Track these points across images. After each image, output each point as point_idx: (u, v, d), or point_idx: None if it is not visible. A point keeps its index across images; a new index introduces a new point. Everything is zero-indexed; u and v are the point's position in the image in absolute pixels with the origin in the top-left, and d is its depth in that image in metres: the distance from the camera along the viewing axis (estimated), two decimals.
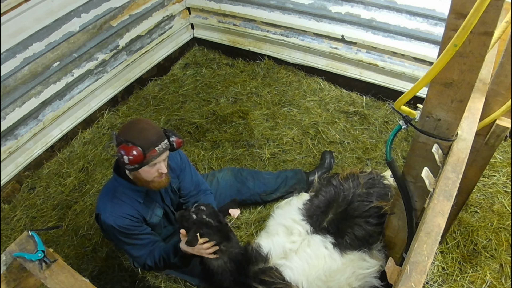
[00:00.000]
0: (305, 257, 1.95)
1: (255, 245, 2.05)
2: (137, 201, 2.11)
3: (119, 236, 2.07)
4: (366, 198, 2.06)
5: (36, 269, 1.34)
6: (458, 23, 0.98)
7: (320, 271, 1.93)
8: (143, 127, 1.87)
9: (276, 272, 1.91)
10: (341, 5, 3.38)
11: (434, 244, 1.10)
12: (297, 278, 1.91)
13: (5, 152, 3.08)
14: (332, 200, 2.12)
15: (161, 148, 1.90)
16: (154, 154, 1.87)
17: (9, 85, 2.98)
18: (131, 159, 1.79)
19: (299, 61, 3.92)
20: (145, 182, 2.00)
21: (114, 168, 2.13)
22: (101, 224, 2.07)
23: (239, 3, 3.92)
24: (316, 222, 2.06)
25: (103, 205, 2.06)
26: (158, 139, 1.88)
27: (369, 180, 2.17)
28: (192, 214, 1.89)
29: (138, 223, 2.12)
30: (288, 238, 2.05)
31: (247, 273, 1.93)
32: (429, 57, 3.17)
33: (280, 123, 3.52)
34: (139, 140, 1.82)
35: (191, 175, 2.41)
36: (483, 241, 2.58)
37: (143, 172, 1.94)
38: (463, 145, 1.31)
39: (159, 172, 1.97)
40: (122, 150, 1.81)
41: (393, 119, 3.45)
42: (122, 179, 2.07)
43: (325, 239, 1.98)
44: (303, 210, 2.14)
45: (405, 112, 1.31)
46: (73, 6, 3.17)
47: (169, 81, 4.17)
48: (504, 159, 3.04)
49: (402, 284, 1.03)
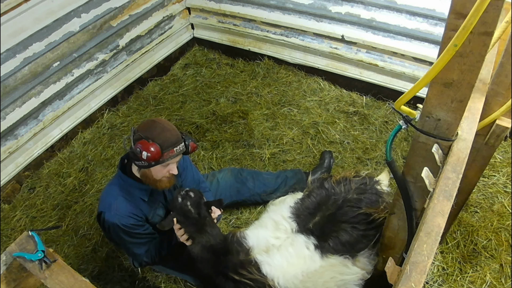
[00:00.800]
0: (285, 255, 1.98)
1: (241, 234, 2.08)
2: (141, 200, 2.13)
3: (121, 234, 2.08)
4: (355, 204, 2.07)
5: (36, 269, 1.34)
6: (458, 23, 0.98)
7: (298, 271, 1.95)
8: (165, 127, 1.94)
9: (254, 268, 1.94)
10: (341, 5, 3.38)
11: (434, 244, 1.10)
12: (274, 274, 1.94)
13: (5, 152, 3.08)
14: (322, 203, 2.13)
15: (178, 149, 1.96)
16: (171, 154, 1.93)
17: (9, 85, 2.98)
18: (149, 156, 1.84)
19: (299, 61, 3.92)
20: (153, 181, 2.03)
21: (119, 166, 2.15)
22: (103, 222, 2.08)
23: (239, 3, 3.92)
24: (302, 222, 2.07)
25: (107, 203, 2.07)
26: (177, 141, 1.95)
27: (361, 185, 2.17)
28: (178, 197, 1.94)
29: (141, 222, 2.15)
30: (273, 233, 2.07)
31: (227, 264, 1.97)
32: (429, 57, 3.17)
33: (280, 123, 3.52)
34: (160, 139, 1.88)
35: (192, 173, 2.45)
36: (483, 241, 2.58)
37: (154, 170, 1.98)
38: (463, 145, 1.31)
39: (170, 173, 2.02)
40: (141, 145, 1.85)
41: (393, 119, 3.45)
42: (127, 177, 2.09)
43: (308, 240, 2.00)
44: (293, 208, 2.16)
45: (405, 112, 1.31)
46: (73, 6, 3.17)
47: (169, 81, 4.17)
48: (504, 159, 3.04)
49: (402, 284, 1.03)
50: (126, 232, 2.07)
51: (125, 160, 2.17)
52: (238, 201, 2.83)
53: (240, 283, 1.94)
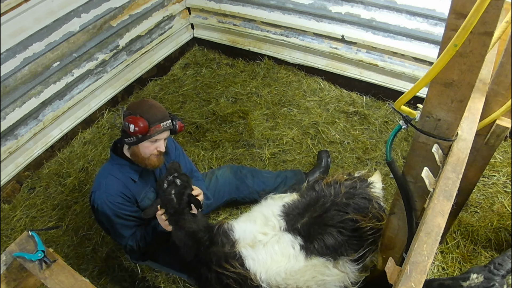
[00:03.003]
0: (270, 252, 2.00)
1: (228, 226, 2.10)
2: (131, 180, 2.20)
3: (108, 213, 2.13)
4: (343, 208, 2.07)
5: (36, 269, 1.34)
6: (458, 23, 0.97)
7: (281, 268, 1.98)
8: (153, 105, 2.08)
9: (237, 262, 1.97)
10: (341, 5, 3.38)
11: (434, 244, 1.10)
12: (257, 269, 1.97)
13: (5, 152, 3.08)
14: (311, 204, 2.14)
15: (165, 125, 2.07)
16: (158, 129, 2.05)
17: (9, 85, 2.98)
18: (137, 129, 1.96)
19: (299, 61, 3.92)
20: (142, 159, 2.13)
21: (112, 148, 2.25)
22: (92, 202, 2.15)
23: (239, 3, 3.92)
24: (291, 221, 2.09)
25: (98, 183, 2.17)
26: (163, 117, 2.07)
27: (351, 189, 2.16)
28: (164, 182, 1.96)
29: (129, 203, 2.21)
30: (262, 228, 2.09)
31: (211, 256, 2.00)
32: (429, 57, 3.17)
33: (280, 123, 3.52)
34: (147, 114, 2.01)
35: (185, 162, 2.53)
36: (483, 241, 2.58)
37: (142, 147, 2.08)
38: (463, 145, 1.31)
39: (157, 150, 2.11)
40: (130, 119, 1.96)
41: (393, 119, 3.45)
42: (118, 157, 2.19)
43: (294, 240, 2.01)
44: (284, 207, 2.17)
45: (405, 112, 1.31)
46: (73, 6, 3.17)
47: (169, 81, 4.17)
48: (504, 159, 3.04)
49: (402, 284, 1.03)
50: (113, 210, 2.13)
51: (118, 144, 2.27)
52: (237, 199, 2.82)
53: (223, 275, 1.97)
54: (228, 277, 1.97)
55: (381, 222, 2.07)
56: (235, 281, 1.97)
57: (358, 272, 2.10)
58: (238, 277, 1.96)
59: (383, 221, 2.06)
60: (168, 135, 2.15)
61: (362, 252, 2.04)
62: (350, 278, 2.08)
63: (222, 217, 2.90)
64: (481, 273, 1.39)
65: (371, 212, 2.07)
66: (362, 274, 2.14)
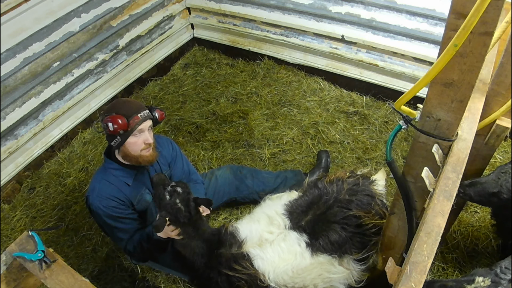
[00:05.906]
0: (277, 250, 2.00)
1: (232, 228, 2.10)
2: (125, 184, 2.18)
3: (104, 217, 2.13)
4: (346, 205, 2.08)
5: (36, 269, 1.34)
6: (458, 23, 0.98)
7: (288, 266, 1.98)
8: (127, 100, 2.11)
9: (247, 262, 1.97)
10: (341, 5, 3.38)
11: (434, 244, 1.10)
12: (265, 268, 1.97)
13: (5, 152, 3.08)
14: (314, 202, 2.15)
15: (143, 115, 2.05)
16: (137, 120, 2.02)
17: (9, 85, 2.98)
18: (116, 126, 1.94)
19: (299, 61, 3.92)
20: (134, 158, 2.10)
21: (105, 152, 2.22)
22: (89, 206, 2.16)
23: (239, 3, 3.92)
24: (295, 219, 2.09)
25: (92, 187, 2.16)
26: (139, 108, 2.06)
27: (354, 186, 2.17)
28: (166, 195, 1.91)
29: (124, 207, 2.19)
30: (267, 227, 2.09)
31: (219, 258, 1.99)
32: (429, 57, 3.17)
33: (280, 123, 3.52)
34: (122, 109, 2.01)
35: (182, 164, 2.50)
36: (483, 241, 2.58)
37: (129, 144, 2.05)
38: (463, 145, 1.31)
39: (145, 143, 2.08)
40: (107, 119, 1.95)
41: (393, 119, 3.45)
42: (111, 161, 2.17)
43: (300, 237, 2.02)
44: (287, 206, 2.18)
45: (405, 112, 1.31)
46: (73, 6, 3.17)
47: (169, 81, 4.17)
48: (504, 159, 3.04)
49: (402, 284, 1.03)
50: (108, 215, 2.13)
51: (111, 147, 2.24)
52: (237, 199, 2.82)
53: (233, 277, 1.97)
54: (240, 279, 1.96)
55: (383, 219, 2.07)
56: (246, 282, 1.97)
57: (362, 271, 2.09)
58: (248, 278, 1.96)
59: (385, 218, 2.06)
60: (150, 125, 2.12)
61: (366, 254, 2.05)
62: (354, 276, 2.08)
63: (222, 217, 2.90)
64: (487, 276, 1.37)
65: (374, 208, 2.07)
66: (365, 273, 2.14)
